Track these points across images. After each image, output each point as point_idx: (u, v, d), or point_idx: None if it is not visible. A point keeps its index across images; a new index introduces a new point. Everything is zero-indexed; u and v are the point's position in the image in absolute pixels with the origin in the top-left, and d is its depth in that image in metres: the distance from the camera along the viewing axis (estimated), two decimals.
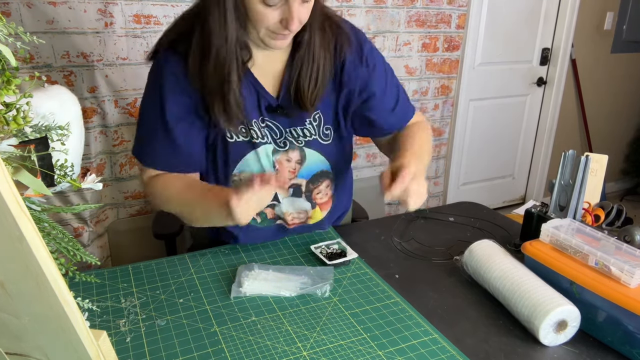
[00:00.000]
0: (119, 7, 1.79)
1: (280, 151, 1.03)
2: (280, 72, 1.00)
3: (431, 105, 2.68)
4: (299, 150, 1.04)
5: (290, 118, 1.01)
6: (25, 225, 0.37)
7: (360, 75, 1.03)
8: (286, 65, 0.99)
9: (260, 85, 0.98)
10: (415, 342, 0.82)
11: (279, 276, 0.97)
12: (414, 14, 2.44)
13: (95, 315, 0.86)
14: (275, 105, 1.00)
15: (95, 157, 1.90)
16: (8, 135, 0.55)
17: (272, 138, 1.02)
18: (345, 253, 1.05)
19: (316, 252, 1.05)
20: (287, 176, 0.97)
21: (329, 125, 1.05)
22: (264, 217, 1.09)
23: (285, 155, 1.03)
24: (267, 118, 1.00)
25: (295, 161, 1.05)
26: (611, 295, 0.79)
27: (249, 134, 1.00)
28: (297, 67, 0.97)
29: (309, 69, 0.96)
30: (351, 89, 1.03)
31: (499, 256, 0.95)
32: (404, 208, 0.90)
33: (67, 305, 0.41)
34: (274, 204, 1.08)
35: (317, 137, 1.05)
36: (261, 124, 1.00)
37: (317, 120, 1.03)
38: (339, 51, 1.00)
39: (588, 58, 3.25)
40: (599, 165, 1.15)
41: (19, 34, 0.55)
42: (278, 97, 1.00)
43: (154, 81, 0.97)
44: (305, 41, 0.96)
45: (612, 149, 3.62)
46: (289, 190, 1.06)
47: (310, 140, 1.04)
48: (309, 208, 1.11)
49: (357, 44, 1.03)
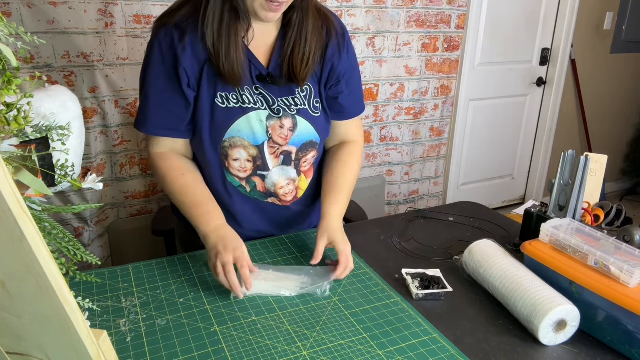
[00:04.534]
0: (119, 7, 1.79)
1: (275, 117, 1.08)
2: (271, 45, 1.07)
3: (431, 105, 2.68)
4: (291, 118, 1.09)
5: (280, 87, 1.07)
6: (26, 225, 0.37)
7: (338, 58, 1.11)
8: (276, 40, 1.07)
9: (252, 55, 1.05)
10: (415, 342, 0.82)
11: (279, 276, 0.97)
12: (414, 14, 2.44)
13: (95, 315, 0.86)
14: (265, 74, 1.06)
15: (96, 157, 1.90)
16: (9, 135, 0.56)
17: (266, 105, 1.07)
18: (441, 283, 0.97)
19: (407, 279, 0.98)
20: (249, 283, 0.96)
21: (318, 99, 1.12)
22: (254, 186, 1.12)
23: (279, 122, 1.08)
24: (259, 86, 1.06)
25: (288, 128, 1.09)
26: (610, 294, 0.79)
27: (239, 100, 1.05)
28: (290, 45, 1.04)
29: (301, 48, 1.04)
30: (330, 68, 1.11)
31: (499, 256, 0.95)
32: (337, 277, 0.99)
33: (67, 305, 0.41)
34: (263, 174, 1.11)
35: (307, 108, 1.10)
36: (255, 92, 1.06)
37: (304, 91, 1.09)
38: (326, 35, 1.09)
39: (588, 58, 3.25)
40: (599, 165, 1.15)
41: (19, 34, 0.55)
42: (268, 67, 1.07)
43: (152, 56, 1.03)
44: (297, 21, 1.03)
45: (611, 149, 3.62)
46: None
47: (302, 109, 1.10)
48: (296, 176, 1.14)
49: (341, 32, 1.12)
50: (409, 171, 2.74)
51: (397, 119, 2.60)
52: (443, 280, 0.97)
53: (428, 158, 2.80)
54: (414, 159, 2.74)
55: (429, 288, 0.95)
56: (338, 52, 1.10)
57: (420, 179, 2.82)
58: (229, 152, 1.07)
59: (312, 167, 1.18)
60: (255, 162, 1.09)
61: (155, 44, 1.02)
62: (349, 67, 1.13)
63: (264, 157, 1.09)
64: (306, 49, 1.04)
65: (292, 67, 1.04)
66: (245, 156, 1.08)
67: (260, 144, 1.08)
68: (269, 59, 1.06)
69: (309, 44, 1.04)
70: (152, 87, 1.04)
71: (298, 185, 1.16)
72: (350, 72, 1.14)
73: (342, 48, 1.11)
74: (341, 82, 1.13)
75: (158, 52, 1.02)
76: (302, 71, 1.04)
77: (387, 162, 2.67)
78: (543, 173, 3.38)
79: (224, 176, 1.11)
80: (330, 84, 1.12)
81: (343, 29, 1.13)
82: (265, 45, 1.06)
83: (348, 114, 1.18)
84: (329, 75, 1.11)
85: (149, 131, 1.07)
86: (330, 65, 1.10)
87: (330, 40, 1.09)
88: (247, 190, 1.12)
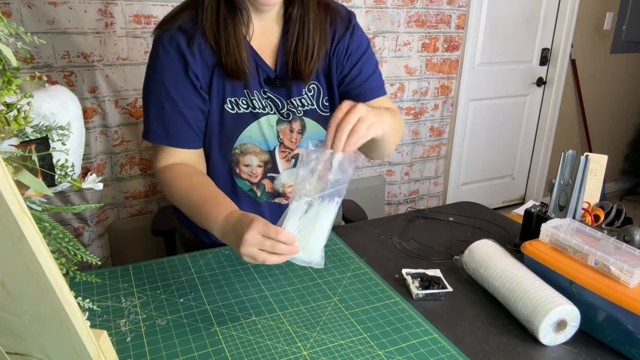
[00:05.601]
0: (119, 7, 1.79)
1: (285, 121, 1.06)
2: (276, 45, 1.04)
3: (431, 105, 2.68)
4: (299, 120, 1.07)
5: (287, 89, 1.05)
6: (26, 225, 0.37)
7: (345, 40, 1.07)
8: (280, 38, 1.04)
9: (259, 57, 1.03)
10: (415, 342, 0.82)
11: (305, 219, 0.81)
12: (414, 14, 2.44)
13: (95, 315, 0.86)
14: (273, 77, 1.03)
15: (96, 157, 1.90)
16: (9, 135, 0.56)
17: (275, 109, 1.05)
18: (441, 283, 0.96)
19: (407, 279, 0.97)
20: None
21: (327, 97, 1.09)
22: (263, 189, 1.11)
23: (289, 126, 1.07)
24: (267, 90, 1.04)
25: (297, 131, 1.08)
26: (611, 294, 0.79)
27: (249, 106, 1.03)
28: (293, 42, 1.01)
29: (304, 42, 1.01)
30: (339, 54, 1.07)
31: (499, 256, 0.95)
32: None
33: (67, 305, 0.41)
34: (272, 176, 1.10)
35: (316, 108, 1.08)
36: (263, 96, 1.04)
37: (312, 90, 1.07)
38: (332, 26, 1.06)
39: (588, 58, 3.25)
40: (599, 165, 1.15)
41: (19, 34, 0.55)
42: (275, 69, 1.04)
43: (157, 62, 1.00)
44: (298, 15, 1.01)
45: (611, 149, 3.62)
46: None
47: (309, 109, 1.07)
48: None
49: (347, 17, 1.08)
50: (409, 171, 2.74)
51: None
52: (443, 280, 0.97)
53: (428, 158, 2.80)
54: (414, 159, 2.74)
55: (429, 288, 0.95)
56: (344, 35, 1.06)
57: (420, 179, 2.82)
58: (240, 158, 1.06)
59: None
60: (266, 166, 1.08)
61: (160, 48, 0.98)
62: (359, 48, 1.08)
63: (275, 161, 1.08)
64: (309, 43, 1.01)
65: (297, 63, 1.02)
66: (257, 162, 1.07)
67: (272, 149, 1.07)
68: (275, 59, 1.04)
69: (312, 37, 1.01)
70: (162, 94, 0.99)
71: None
72: (362, 53, 1.09)
73: (347, 30, 1.06)
74: (356, 64, 1.07)
75: (164, 56, 0.98)
76: (307, 66, 1.01)
77: (387, 162, 2.67)
78: (543, 173, 3.38)
79: (233, 181, 1.09)
80: (343, 73, 1.06)
81: (349, 14, 1.09)
82: (271, 44, 1.04)
83: (372, 93, 1.09)
84: (337, 63, 1.06)
85: (162, 142, 1.01)
86: (338, 51, 1.06)
87: (336, 28, 1.06)
88: (257, 194, 1.11)
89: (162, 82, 0.99)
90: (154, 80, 1.00)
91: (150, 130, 1.02)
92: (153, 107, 1.01)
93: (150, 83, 1.01)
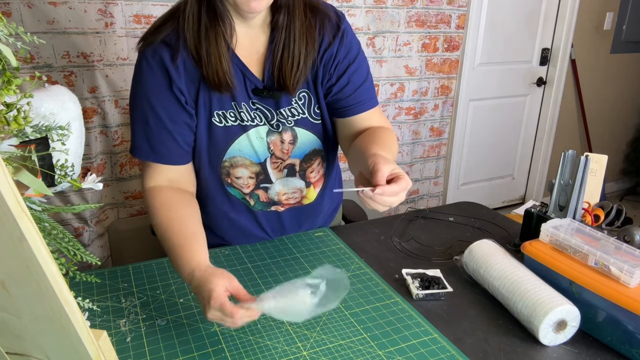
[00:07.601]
0: (119, 7, 1.79)
1: (275, 132, 1.04)
2: (263, 54, 1.00)
3: (431, 105, 2.68)
4: (290, 131, 1.05)
5: (276, 100, 1.02)
6: (25, 225, 0.37)
7: (333, 46, 1.03)
8: (267, 47, 1.01)
9: (245, 67, 0.99)
10: (415, 342, 0.82)
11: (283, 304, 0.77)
12: (414, 14, 2.44)
13: (95, 315, 0.86)
14: (261, 88, 1.01)
15: (96, 157, 1.90)
16: (9, 135, 0.56)
17: (265, 120, 1.02)
18: (441, 283, 0.95)
19: (407, 279, 0.97)
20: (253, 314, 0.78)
21: (318, 105, 1.06)
22: (257, 198, 1.09)
23: (280, 137, 1.04)
24: (255, 100, 1.01)
25: (288, 142, 1.05)
26: (611, 295, 0.79)
27: (237, 118, 1.01)
28: (279, 50, 0.98)
29: (290, 53, 0.97)
30: (326, 61, 1.03)
31: (499, 256, 0.95)
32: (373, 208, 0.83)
33: (67, 305, 0.41)
34: (266, 186, 1.08)
35: (307, 117, 1.05)
36: (252, 107, 1.01)
37: (302, 99, 1.04)
38: (321, 31, 1.01)
39: (588, 58, 3.25)
40: (599, 165, 1.15)
41: (19, 34, 0.55)
42: (263, 79, 1.01)
43: (141, 76, 0.97)
44: (283, 24, 0.97)
45: (611, 149, 3.62)
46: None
47: (299, 119, 1.05)
48: (303, 186, 1.11)
49: (335, 22, 1.03)
50: (409, 171, 2.74)
51: (397, 119, 2.60)
52: (443, 281, 0.97)
53: (428, 158, 2.80)
54: (414, 159, 2.74)
55: (429, 288, 0.95)
56: (332, 42, 1.02)
57: (420, 179, 2.82)
58: (230, 170, 1.04)
59: (322, 177, 1.14)
60: (258, 177, 1.06)
61: (143, 63, 0.96)
62: (348, 54, 1.04)
63: (266, 172, 1.06)
64: (295, 52, 0.97)
65: (282, 74, 0.98)
66: (248, 174, 1.05)
67: (263, 161, 1.05)
68: (262, 69, 1.00)
69: (298, 46, 0.97)
70: (147, 109, 0.96)
71: (305, 194, 1.13)
72: (351, 60, 1.05)
73: (336, 37, 1.02)
74: (344, 73, 1.03)
75: (148, 71, 0.95)
76: (292, 78, 0.98)
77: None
78: (543, 173, 3.38)
79: (225, 190, 1.07)
80: (331, 82, 1.03)
81: (339, 17, 1.04)
82: (257, 53, 1.00)
83: (361, 106, 1.06)
84: (325, 70, 1.03)
85: (148, 158, 0.98)
86: (326, 59, 1.02)
87: (325, 34, 1.01)
88: (251, 204, 1.09)
89: (146, 97, 0.96)
90: (139, 96, 0.97)
91: (136, 147, 1.00)
92: (138, 122, 0.98)
93: (135, 98, 0.98)
